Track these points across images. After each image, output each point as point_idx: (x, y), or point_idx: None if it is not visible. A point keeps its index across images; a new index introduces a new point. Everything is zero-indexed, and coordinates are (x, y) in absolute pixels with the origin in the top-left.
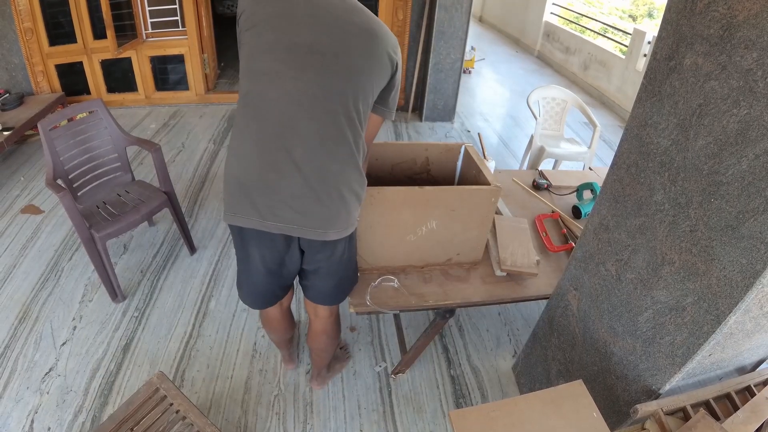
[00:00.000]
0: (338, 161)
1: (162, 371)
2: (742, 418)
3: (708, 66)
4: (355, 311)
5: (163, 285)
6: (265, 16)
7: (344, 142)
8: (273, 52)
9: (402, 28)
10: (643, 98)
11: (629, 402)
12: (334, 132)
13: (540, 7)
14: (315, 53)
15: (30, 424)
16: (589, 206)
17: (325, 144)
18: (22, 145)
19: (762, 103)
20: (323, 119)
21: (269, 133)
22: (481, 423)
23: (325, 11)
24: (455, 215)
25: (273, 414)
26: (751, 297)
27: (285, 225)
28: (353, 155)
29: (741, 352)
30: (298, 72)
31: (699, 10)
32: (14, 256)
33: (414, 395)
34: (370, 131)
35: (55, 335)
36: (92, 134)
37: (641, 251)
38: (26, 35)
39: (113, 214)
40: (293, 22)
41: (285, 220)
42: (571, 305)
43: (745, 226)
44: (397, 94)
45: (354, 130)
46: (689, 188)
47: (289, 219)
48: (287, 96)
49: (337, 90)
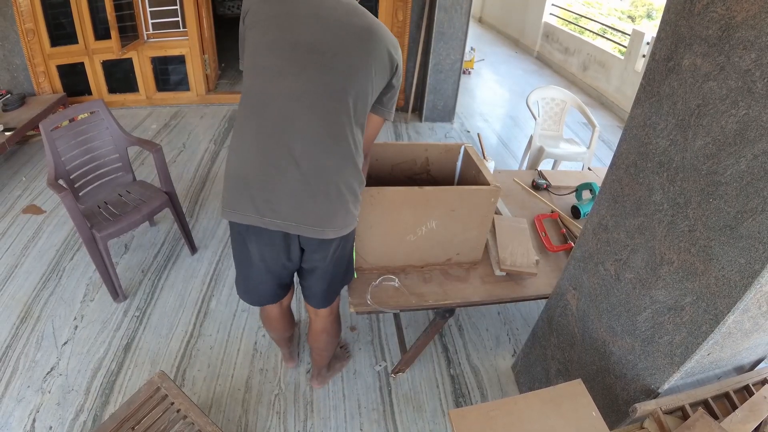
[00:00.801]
0: (337, 158)
1: (163, 370)
2: (741, 417)
3: (706, 66)
4: (355, 311)
5: (164, 285)
6: (270, 15)
7: (343, 140)
8: (275, 50)
9: (402, 29)
10: (641, 99)
11: (628, 401)
12: (334, 129)
13: (539, 7)
14: (316, 52)
15: (32, 423)
16: (588, 206)
17: (324, 141)
18: (24, 146)
19: (760, 103)
20: (322, 116)
21: (269, 129)
22: (481, 422)
23: (327, 12)
24: (455, 215)
25: (273, 413)
26: (750, 297)
27: (283, 222)
28: (352, 153)
29: (739, 351)
30: (299, 69)
31: (697, 11)
32: (16, 256)
33: (414, 394)
34: (371, 132)
35: (56, 335)
36: (93, 134)
37: (640, 251)
38: (28, 36)
39: (114, 214)
40: (296, 21)
41: (282, 216)
42: (571, 305)
43: (743, 226)
44: (397, 94)
45: (353, 128)
46: (688, 188)
47: (287, 215)
48: (287, 93)
49: (336, 88)
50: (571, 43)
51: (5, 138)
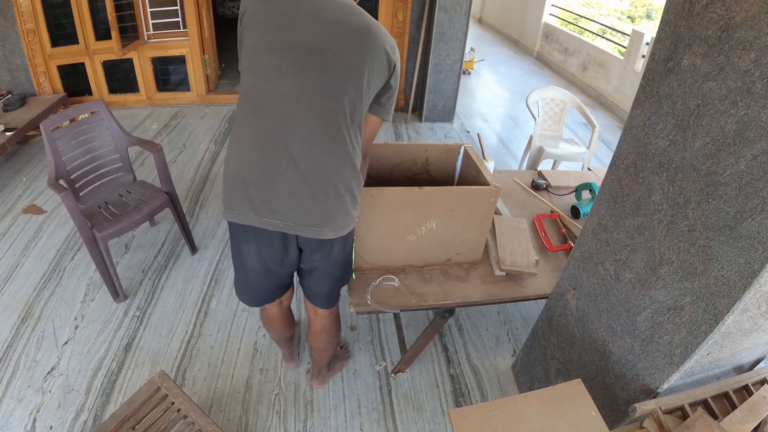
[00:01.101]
0: (336, 158)
1: (163, 370)
2: (740, 416)
3: (706, 67)
4: (355, 311)
5: (165, 285)
6: (268, 16)
7: (341, 140)
8: (274, 50)
9: (402, 29)
10: (641, 99)
11: (628, 401)
12: (332, 129)
13: (539, 8)
14: (314, 52)
15: (32, 423)
16: (588, 206)
17: (323, 141)
18: (25, 146)
19: (760, 103)
20: (321, 116)
21: (268, 129)
22: (481, 422)
23: (325, 13)
24: (455, 215)
25: (274, 413)
26: (749, 297)
27: (281, 222)
28: (350, 153)
29: (739, 351)
30: (297, 70)
31: (697, 11)
32: (16, 256)
33: (414, 394)
34: (369, 133)
35: (57, 334)
36: (94, 135)
37: (640, 251)
38: (28, 36)
39: (115, 214)
40: (294, 22)
41: (281, 216)
42: (570, 305)
43: (742, 226)
44: (395, 95)
45: (351, 128)
46: (687, 188)
47: (285, 215)
48: (287, 93)
49: (336, 88)
50: (571, 44)
51: (6, 138)
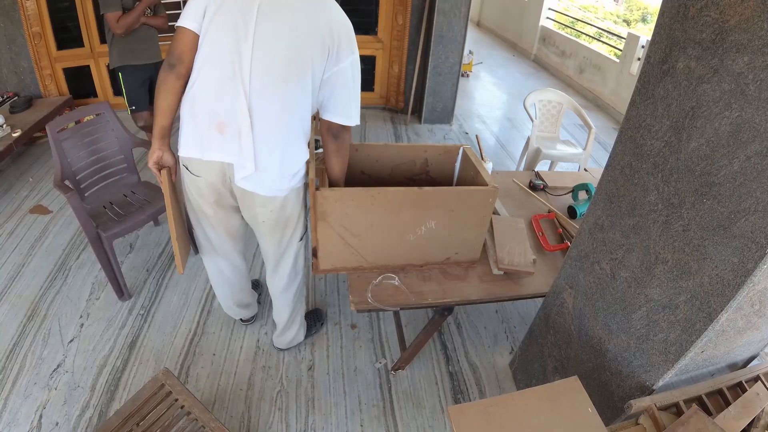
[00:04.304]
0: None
1: (167, 368)
2: (734, 413)
3: (700, 69)
4: (356, 308)
5: (168, 283)
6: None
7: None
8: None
9: (401, 32)
10: (637, 101)
11: (623, 398)
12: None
13: (536, 12)
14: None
15: (38, 420)
16: (584, 206)
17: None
18: (31, 147)
19: (753, 105)
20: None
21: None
22: (479, 418)
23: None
24: (454, 215)
25: (276, 409)
26: (743, 295)
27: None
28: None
29: (733, 349)
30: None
31: (691, 14)
32: (23, 255)
33: (413, 391)
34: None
35: (62, 332)
36: (99, 136)
37: (635, 250)
38: (35, 39)
39: (120, 214)
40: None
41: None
42: (567, 303)
43: (736, 226)
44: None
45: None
46: (682, 189)
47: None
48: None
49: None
50: (568, 47)
51: (13, 139)
